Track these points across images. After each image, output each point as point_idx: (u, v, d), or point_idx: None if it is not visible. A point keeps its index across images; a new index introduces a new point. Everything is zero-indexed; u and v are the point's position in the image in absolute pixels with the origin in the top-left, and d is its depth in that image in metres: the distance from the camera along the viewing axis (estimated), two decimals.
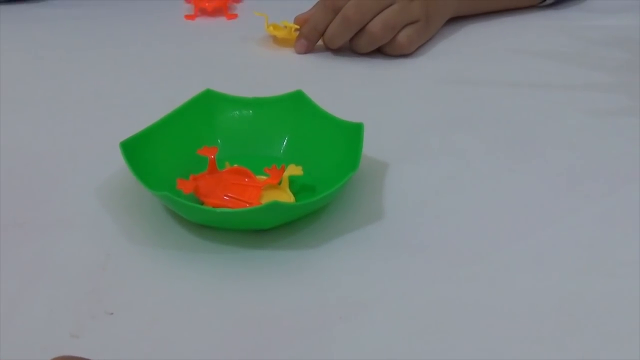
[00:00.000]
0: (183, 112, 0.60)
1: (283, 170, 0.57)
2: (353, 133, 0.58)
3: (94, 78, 0.73)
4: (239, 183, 0.56)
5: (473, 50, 0.79)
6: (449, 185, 0.60)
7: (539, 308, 0.49)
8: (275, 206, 0.50)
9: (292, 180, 0.57)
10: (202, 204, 0.55)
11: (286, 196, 0.56)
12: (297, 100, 0.61)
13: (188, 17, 0.87)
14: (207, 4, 0.86)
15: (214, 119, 0.61)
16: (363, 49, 0.76)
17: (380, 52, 0.77)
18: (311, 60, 0.77)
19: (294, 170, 0.56)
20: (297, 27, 0.78)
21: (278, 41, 0.80)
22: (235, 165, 0.57)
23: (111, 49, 0.79)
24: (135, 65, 0.76)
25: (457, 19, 0.84)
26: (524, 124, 0.68)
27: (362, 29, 0.74)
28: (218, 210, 0.52)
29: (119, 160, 0.54)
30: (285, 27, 0.80)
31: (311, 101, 0.61)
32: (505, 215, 0.57)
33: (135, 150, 0.55)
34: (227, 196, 0.55)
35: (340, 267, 0.52)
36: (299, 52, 0.78)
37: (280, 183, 0.56)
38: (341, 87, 0.73)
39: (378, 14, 0.73)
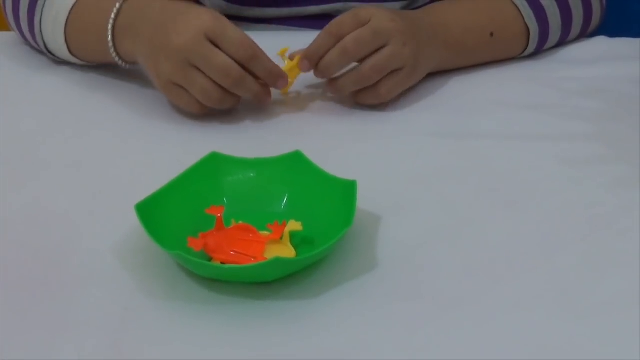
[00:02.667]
0: (191, 174, 0.64)
1: (284, 225, 0.61)
2: (347, 189, 0.62)
3: (106, 140, 0.76)
4: (244, 239, 0.61)
5: (456, 103, 0.82)
6: (437, 234, 0.64)
7: (521, 351, 0.53)
8: (278, 261, 0.55)
9: (293, 235, 0.61)
10: (211, 259, 0.59)
11: (288, 250, 0.60)
12: (296, 160, 0.66)
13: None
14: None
15: (220, 180, 0.65)
16: (347, 88, 0.78)
17: (356, 99, 0.79)
18: (306, 117, 0.80)
19: (294, 225, 0.61)
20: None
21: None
22: (240, 222, 0.62)
23: (123, 113, 0.81)
24: (143, 127, 0.79)
25: (439, 71, 0.86)
26: (506, 173, 0.72)
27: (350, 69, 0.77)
28: (226, 266, 0.57)
29: (133, 220, 0.59)
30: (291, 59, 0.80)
31: (309, 160, 0.66)
32: (490, 261, 0.61)
33: (149, 211, 0.60)
34: (233, 251, 0.60)
35: (338, 315, 0.56)
36: (304, 71, 0.79)
37: (281, 238, 0.61)
38: (334, 142, 0.76)
39: (374, 52, 0.76)
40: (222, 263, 0.59)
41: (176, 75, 0.74)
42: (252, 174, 0.66)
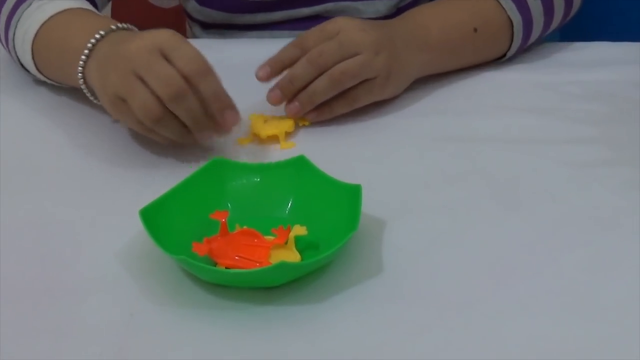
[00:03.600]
0: (195, 179, 0.64)
1: (289, 230, 0.61)
2: (352, 194, 0.62)
3: (109, 145, 0.76)
4: (249, 244, 0.61)
5: (459, 107, 0.82)
6: (442, 239, 0.64)
7: (527, 355, 0.54)
8: (283, 266, 0.55)
9: (298, 239, 0.61)
10: (216, 264, 0.59)
11: (292, 255, 0.60)
12: (300, 165, 0.66)
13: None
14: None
15: (224, 185, 0.65)
16: (319, 94, 0.75)
17: (328, 109, 0.77)
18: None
19: (299, 230, 0.61)
20: (304, 122, 0.76)
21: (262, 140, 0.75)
22: (245, 227, 0.62)
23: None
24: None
25: (439, 76, 0.86)
26: (509, 177, 0.71)
27: (322, 73, 0.75)
28: (231, 271, 0.57)
29: (137, 225, 0.59)
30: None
31: (313, 165, 0.66)
32: (495, 266, 0.61)
33: (153, 216, 0.60)
34: (238, 256, 0.60)
35: (343, 320, 0.56)
36: (272, 103, 0.75)
37: (286, 242, 0.61)
38: (338, 147, 0.76)
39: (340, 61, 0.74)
40: (226, 268, 0.59)
41: (120, 85, 0.68)
42: (256, 179, 0.66)
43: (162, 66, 0.67)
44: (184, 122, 0.69)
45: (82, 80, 0.74)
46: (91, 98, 0.76)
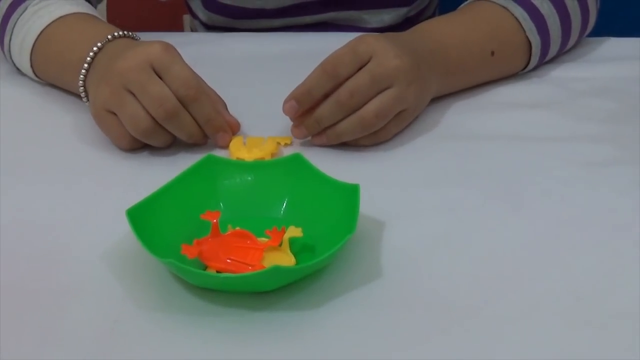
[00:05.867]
0: (186, 177, 0.62)
1: (283, 232, 0.58)
2: (349, 194, 0.60)
3: (96, 143, 0.74)
4: (241, 246, 0.58)
5: (460, 103, 0.80)
6: (444, 240, 0.61)
7: None
8: (276, 270, 0.52)
9: (293, 241, 0.59)
10: (206, 267, 0.57)
11: (287, 257, 0.58)
12: (296, 164, 0.63)
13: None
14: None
15: (216, 184, 0.63)
16: (347, 135, 0.70)
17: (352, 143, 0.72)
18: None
19: (293, 232, 0.58)
20: (286, 141, 0.72)
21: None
22: (237, 228, 0.59)
23: None
24: None
25: None
26: (514, 176, 0.69)
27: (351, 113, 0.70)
28: (222, 275, 0.54)
29: (124, 226, 0.56)
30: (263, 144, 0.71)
31: (309, 164, 0.63)
32: (499, 269, 0.59)
33: (141, 217, 0.57)
34: (230, 259, 0.57)
35: (341, 326, 0.53)
36: (288, 115, 0.71)
37: (281, 245, 0.58)
38: (335, 145, 0.73)
39: (372, 98, 0.69)
40: (217, 272, 0.56)
41: (110, 99, 0.68)
42: (249, 178, 0.63)
43: (154, 85, 0.67)
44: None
45: (84, 93, 0.74)
46: (84, 99, 0.76)
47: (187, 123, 0.69)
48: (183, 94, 0.67)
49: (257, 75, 0.80)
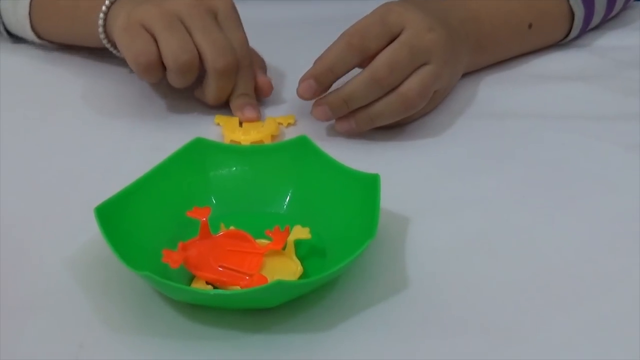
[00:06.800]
0: (169, 166, 0.53)
1: (287, 232, 0.50)
2: (367, 186, 0.51)
3: (65, 126, 0.65)
4: (236, 250, 0.50)
5: (491, 77, 0.72)
6: (480, 242, 0.52)
7: None
8: (279, 286, 0.43)
9: (299, 244, 0.50)
10: (194, 277, 0.48)
11: (292, 264, 0.49)
12: (301, 148, 0.55)
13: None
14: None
15: (206, 173, 0.55)
16: (386, 118, 0.62)
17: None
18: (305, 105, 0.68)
19: (300, 232, 0.50)
20: (289, 121, 0.65)
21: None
22: (232, 228, 0.51)
23: (90, 95, 0.71)
24: (113, 109, 0.68)
25: None
26: (559, 162, 0.61)
27: (389, 92, 0.61)
28: (212, 291, 0.46)
29: (94, 227, 0.47)
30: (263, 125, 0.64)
31: (317, 148, 0.54)
32: (553, 279, 0.50)
33: (113, 215, 0.49)
34: (222, 267, 0.49)
35: (357, 353, 0.45)
36: (304, 96, 0.62)
37: (284, 248, 0.50)
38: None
39: (410, 74, 0.61)
40: (207, 283, 0.48)
41: (157, 19, 0.62)
42: (246, 166, 0.55)
43: (219, 32, 0.63)
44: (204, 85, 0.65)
45: (102, 20, 0.67)
46: (104, 41, 0.68)
47: (227, 87, 0.64)
48: (239, 56, 0.64)
49: (258, 45, 0.71)
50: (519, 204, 0.56)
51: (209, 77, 0.63)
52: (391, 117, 0.62)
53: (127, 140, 0.63)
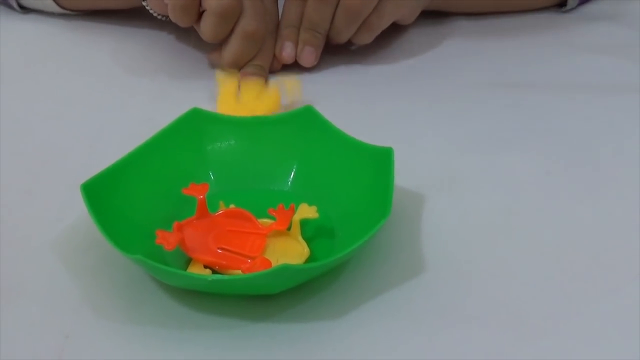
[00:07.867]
0: (163, 139, 0.50)
1: (292, 211, 0.47)
2: (380, 161, 0.47)
3: (53, 95, 0.62)
4: (236, 230, 0.47)
5: (509, 47, 0.69)
6: (503, 223, 0.49)
7: None
8: (285, 270, 0.40)
9: (305, 224, 0.47)
10: (191, 260, 0.44)
11: (298, 246, 0.46)
12: (307, 119, 0.52)
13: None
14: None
15: (204, 147, 0.51)
16: (343, 32, 0.64)
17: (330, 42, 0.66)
18: (319, 66, 0.66)
19: (306, 211, 0.47)
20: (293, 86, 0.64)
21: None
22: (232, 207, 0.48)
23: (81, 61, 0.68)
24: (105, 77, 0.65)
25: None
26: (587, 137, 0.57)
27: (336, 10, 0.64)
28: (210, 277, 0.42)
29: (82, 205, 0.44)
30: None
31: (325, 120, 0.51)
32: (583, 265, 0.46)
33: (102, 193, 0.45)
34: (221, 249, 0.45)
35: (369, 344, 0.41)
36: (309, 64, 0.64)
37: (289, 228, 0.47)
38: (357, 97, 0.62)
39: None
40: (205, 266, 0.44)
41: None
42: (247, 139, 0.52)
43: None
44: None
45: None
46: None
47: (249, 53, 0.63)
48: (270, 28, 0.65)
49: None
50: (542, 180, 0.53)
51: (233, 37, 0.63)
52: (346, 30, 0.64)
53: (117, 112, 0.60)
